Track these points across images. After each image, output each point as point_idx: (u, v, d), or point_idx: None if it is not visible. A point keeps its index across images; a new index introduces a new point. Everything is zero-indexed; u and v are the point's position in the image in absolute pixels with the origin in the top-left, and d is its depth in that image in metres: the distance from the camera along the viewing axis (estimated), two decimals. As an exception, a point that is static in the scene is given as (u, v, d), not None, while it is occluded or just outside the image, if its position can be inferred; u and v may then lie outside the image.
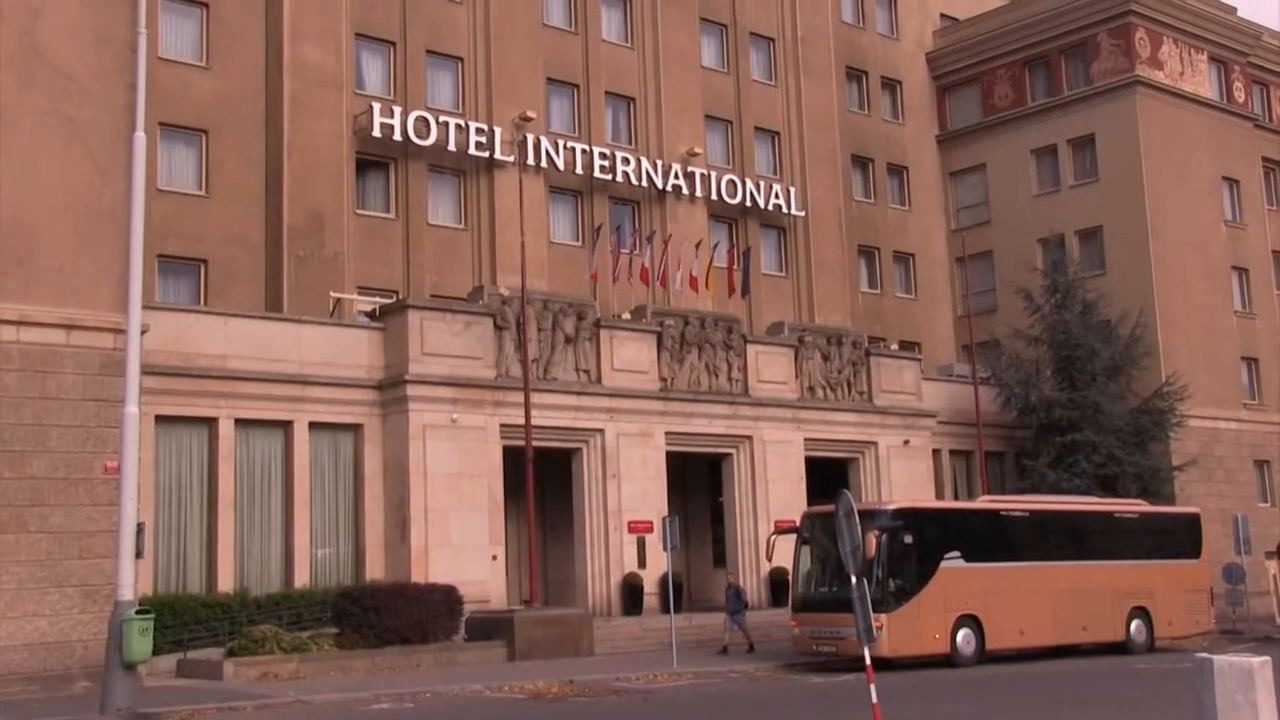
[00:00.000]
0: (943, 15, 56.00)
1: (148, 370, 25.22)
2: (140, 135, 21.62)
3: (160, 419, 27.92)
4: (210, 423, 29.04)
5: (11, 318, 24.47)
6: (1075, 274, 45.61)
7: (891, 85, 53.15)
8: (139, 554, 20.52)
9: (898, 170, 52.49)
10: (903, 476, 40.33)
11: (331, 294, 34.45)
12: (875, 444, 40.35)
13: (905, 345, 48.13)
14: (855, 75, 51.74)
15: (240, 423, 29.41)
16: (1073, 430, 42.50)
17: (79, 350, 25.11)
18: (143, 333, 21.84)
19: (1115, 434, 42.70)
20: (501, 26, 39.72)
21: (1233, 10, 53.77)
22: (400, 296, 35.18)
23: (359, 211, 36.68)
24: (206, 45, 35.11)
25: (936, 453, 42.67)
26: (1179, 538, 34.71)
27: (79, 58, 25.76)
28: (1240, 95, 53.83)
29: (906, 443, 40.89)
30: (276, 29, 35.74)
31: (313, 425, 30.43)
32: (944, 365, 47.71)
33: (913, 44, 54.24)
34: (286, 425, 30.12)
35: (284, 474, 30.12)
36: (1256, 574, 41.99)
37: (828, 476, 38.49)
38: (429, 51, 38.66)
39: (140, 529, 20.50)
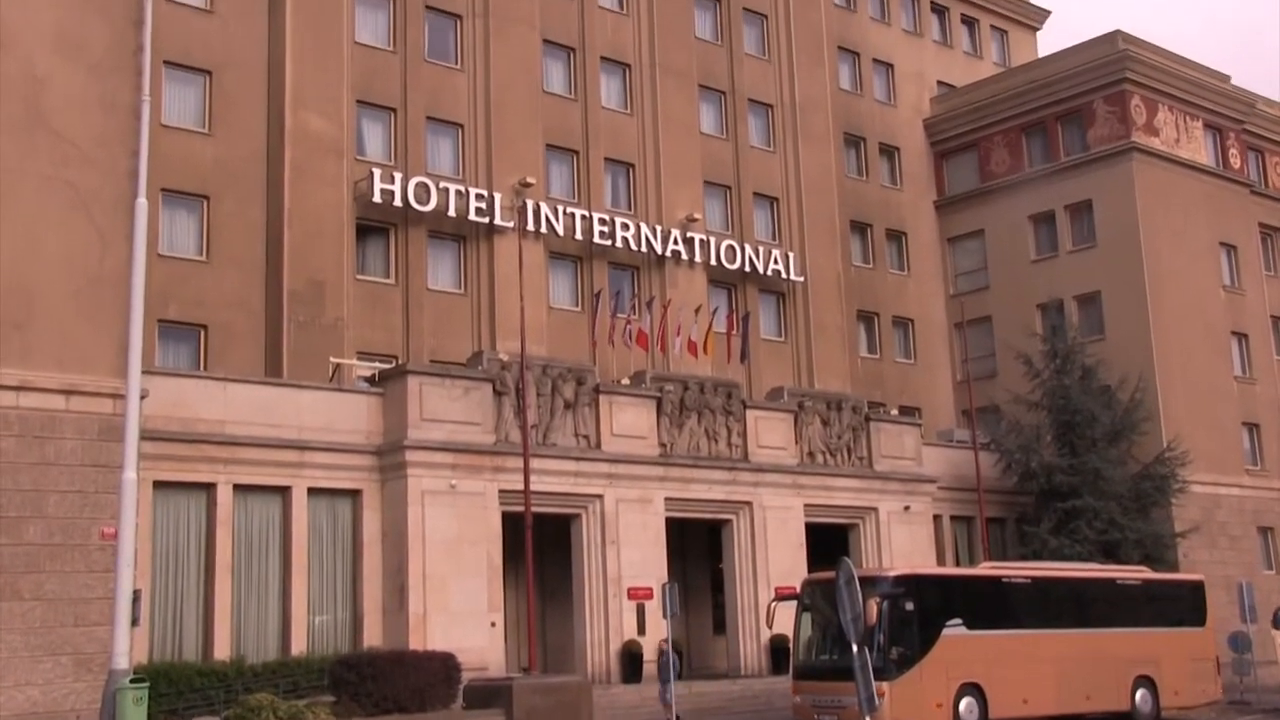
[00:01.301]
0: (940, 82, 56.45)
1: (146, 435, 25.16)
2: (142, 201, 21.69)
3: (158, 485, 27.79)
4: (208, 488, 28.90)
5: (11, 383, 24.41)
6: (1074, 339, 45.63)
7: (889, 151, 53.50)
8: (135, 622, 20.30)
9: (896, 236, 52.72)
10: (903, 543, 40.12)
11: (331, 359, 34.44)
12: (875, 510, 40.18)
13: (905, 410, 48.07)
14: (853, 141, 52.09)
15: (238, 488, 29.26)
16: (1074, 496, 42.34)
17: (78, 416, 25.03)
18: (142, 398, 21.79)
19: (1117, 500, 42.54)
20: (502, 93, 40.01)
21: (1226, 78, 54.22)
22: (400, 362, 35.17)
23: (359, 277, 36.74)
24: (209, 112, 35.33)
25: (937, 519, 42.46)
26: (1183, 605, 34.42)
27: (83, 125, 25.90)
28: (1236, 161, 54.16)
29: (907, 508, 40.72)
30: (279, 96, 36.00)
31: (311, 491, 30.29)
32: (944, 430, 47.63)
33: (910, 111, 54.65)
34: (285, 491, 29.98)
35: (282, 540, 29.93)
36: (1263, 642, 41.60)
37: (828, 542, 38.29)
38: (429, 118, 38.92)
39: (136, 596, 20.29)
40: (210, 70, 35.38)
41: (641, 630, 34.05)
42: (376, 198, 36.59)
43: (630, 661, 33.71)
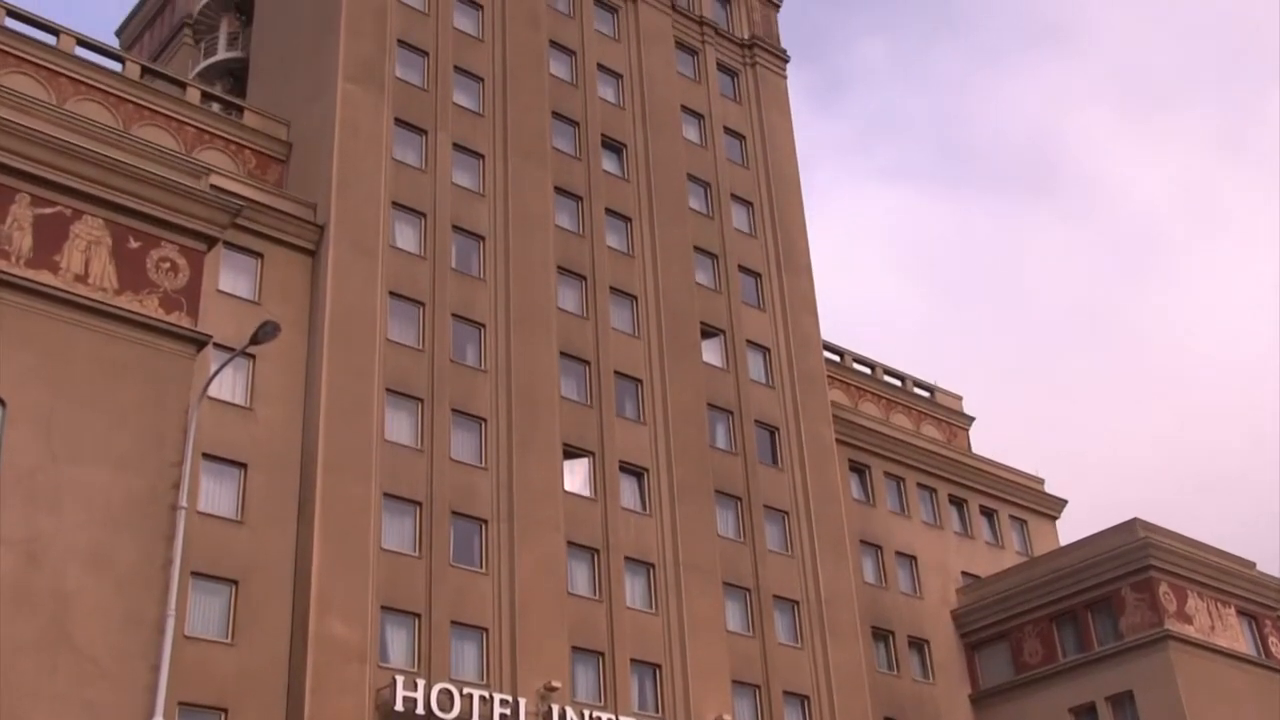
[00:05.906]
0: (964, 573, 56.29)
1: None
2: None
3: None
4: None
5: None
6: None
7: (919, 644, 52.66)
8: None
9: (933, 732, 50.96)
10: None
11: None
12: None
13: None
14: (882, 635, 51.39)
15: None
16: None
17: None
18: None
19: None
20: (526, 595, 39.82)
21: (1252, 564, 54.07)
22: None
23: (377, 790, 35.21)
24: (233, 622, 35.00)
25: None
26: None
27: (104, 640, 25.63)
28: (1276, 649, 52.92)
29: None
30: (303, 602, 35.81)
31: None
32: None
33: (937, 602, 54.23)
34: None
35: None
36: None
37: None
38: (453, 622, 38.52)
39: None
40: (237, 579, 35.39)
41: None
42: (399, 705, 35.61)
43: None
